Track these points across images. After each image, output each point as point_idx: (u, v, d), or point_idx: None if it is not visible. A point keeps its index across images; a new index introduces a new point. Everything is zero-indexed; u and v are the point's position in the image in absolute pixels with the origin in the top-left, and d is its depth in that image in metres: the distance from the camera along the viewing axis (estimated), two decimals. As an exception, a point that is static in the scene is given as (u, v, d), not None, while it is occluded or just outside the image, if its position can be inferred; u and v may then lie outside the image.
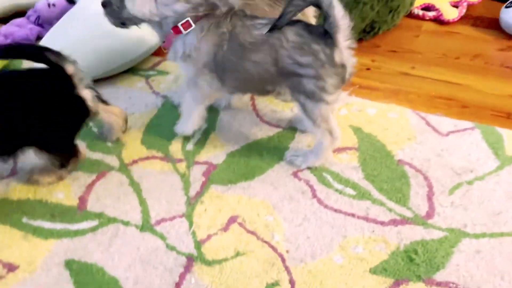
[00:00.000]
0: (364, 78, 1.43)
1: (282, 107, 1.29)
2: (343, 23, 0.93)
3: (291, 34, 0.94)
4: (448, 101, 1.33)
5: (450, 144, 1.17)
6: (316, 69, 0.95)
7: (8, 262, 0.91)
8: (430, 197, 1.04)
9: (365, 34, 1.56)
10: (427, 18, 1.67)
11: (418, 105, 1.32)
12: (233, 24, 0.97)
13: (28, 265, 0.90)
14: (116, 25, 1.08)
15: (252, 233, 0.96)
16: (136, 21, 1.05)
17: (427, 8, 1.70)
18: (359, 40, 1.58)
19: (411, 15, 1.69)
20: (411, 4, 1.61)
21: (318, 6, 0.92)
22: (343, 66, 0.97)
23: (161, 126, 1.23)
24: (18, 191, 1.05)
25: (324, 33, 0.94)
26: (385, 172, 1.10)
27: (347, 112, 1.28)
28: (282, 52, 0.95)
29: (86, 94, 1.00)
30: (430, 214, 1.00)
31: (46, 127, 0.96)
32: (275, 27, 0.93)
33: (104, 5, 1.06)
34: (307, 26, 0.97)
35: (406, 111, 1.27)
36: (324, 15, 0.93)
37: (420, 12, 1.68)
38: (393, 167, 1.11)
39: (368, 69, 1.48)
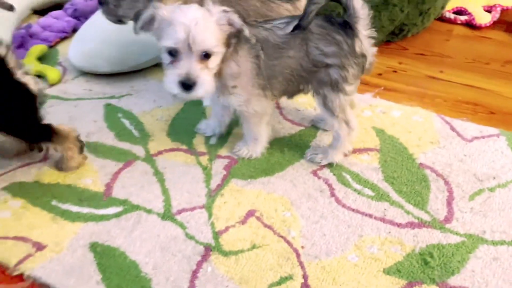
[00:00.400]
0: (390, 81, 1.43)
1: (306, 106, 1.30)
2: (362, 13, 0.95)
3: (314, 27, 0.96)
4: (475, 106, 1.32)
5: (474, 150, 1.15)
6: (340, 59, 0.97)
7: (37, 242, 0.96)
8: (449, 202, 1.03)
9: (393, 36, 1.56)
10: (459, 22, 1.65)
11: (443, 109, 1.31)
12: (255, 32, 0.97)
13: (56, 245, 0.95)
14: (114, 22, 1.12)
15: (269, 227, 0.98)
16: (133, 18, 1.08)
17: (459, 12, 1.68)
18: (387, 42, 1.58)
19: (442, 18, 1.67)
20: (443, 7, 1.59)
21: (338, 0, 0.93)
22: (363, 55, 0.99)
23: (187, 120, 1.26)
24: (49, 175, 1.10)
25: (344, 23, 0.96)
26: (406, 174, 1.10)
27: (371, 113, 1.28)
28: (310, 44, 0.97)
29: (27, 79, 1.02)
30: (448, 218, 1.00)
31: None
32: (299, 27, 0.94)
33: (100, 3, 1.10)
34: (327, 17, 0.98)
35: (431, 115, 1.27)
36: (344, 8, 0.94)
37: (452, 16, 1.66)
38: (414, 170, 1.11)
39: (394, 71, 1.47)
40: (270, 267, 0.91)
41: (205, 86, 0.91)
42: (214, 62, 0.92)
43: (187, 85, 0.89)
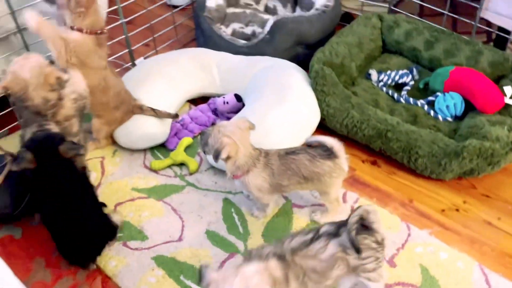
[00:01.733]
0: (450, 219, 1.70)
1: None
2: (378, 226, 1.29)
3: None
4: (517, 263, 1.54)
5: (498, 308, 1.42)
6: (375, 255, 1.30)
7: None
8: None
9: (464, 174, 1.80)
10: (534, 167, 1.82)
11: (487, 259, 1.56)
12: (301, 262, 1.24)
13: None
14: (203, 152, 1.61)
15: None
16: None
17: (537, 157, 1.84)
18: (459, 177, 1.83)
19: (519, 160, 1.86)
20: (515, 159, 1.79)
21: (363, 225, 1.28)
22: (383, 243, 1.32)
23: (277, 223, 1.71)
24: (181, 254, 1.64)
25: (364, 227, 1.29)
26: (433, 316, 1.42)
27: (422, 251, 1.59)
28: (349, 258, 1.27)
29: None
30: None
31: None
32: (357, 251, 1.25)
33: (200, 135, 1.60)
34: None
35: (473, 264, 1.54)
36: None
37: (528, 161, 1.83)
38: (441, 314, 1.42)
39: (457, 209, 1.74)
40: None
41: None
42: None
43: None
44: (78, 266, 1.58)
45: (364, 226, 1.29)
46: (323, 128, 2.03)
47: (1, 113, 1.99)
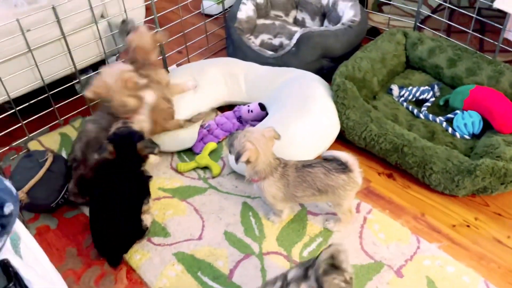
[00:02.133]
0: (460, 235, 1.75)
1: (382, 242, 1.73)
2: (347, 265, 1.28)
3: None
4: (522, 281, 1.58)
5: (499, 323, 1.46)
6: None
7: (185, 297, 1.62)
8: None
9: (477, 192, 1.85)
10: (549, 188, 1.84)
11: (494, 275, 1.60)
12: None
13: (196, 305, 1.60)
14: (228, 150, 1.72)
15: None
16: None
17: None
18: (473, 194, 1.87)
19: (533, 181, 1.88)
20: (530, 179, 1.81)
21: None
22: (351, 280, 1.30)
23: (291, 229, 1.80)
24: (199, 252, 1.76)
25: (333, 266, 1.25)
26: (434, 327, 1.47)
27: (430, 263, 1.65)
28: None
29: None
30: None
31: None
32: None
33: (229, 136, 1.72)
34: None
35: (479, 279, 1.59)
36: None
37: (544, 182, 1.85)
38: (443, 325, 1.48)
39: (468, 225, 1.78)
40: None
41: None
42: None
43: None
44: (108, 262, 1.72)
45: (334, 266, 1.26)
46: (342, 140, 2.11)
47: (43, 113, 2.17)
